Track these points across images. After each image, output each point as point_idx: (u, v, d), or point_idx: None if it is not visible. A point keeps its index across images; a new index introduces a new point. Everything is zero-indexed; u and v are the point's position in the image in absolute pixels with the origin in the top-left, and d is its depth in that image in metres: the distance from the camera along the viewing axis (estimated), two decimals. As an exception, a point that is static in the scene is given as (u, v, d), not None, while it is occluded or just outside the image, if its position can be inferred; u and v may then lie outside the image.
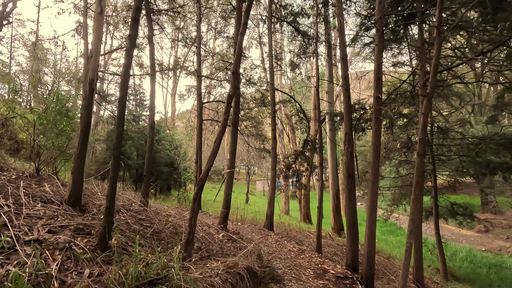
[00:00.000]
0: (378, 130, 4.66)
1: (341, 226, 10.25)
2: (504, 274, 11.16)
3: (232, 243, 4.34)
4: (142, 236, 3.11)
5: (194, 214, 2.84)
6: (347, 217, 5.25)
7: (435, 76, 3.35)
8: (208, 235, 4.24)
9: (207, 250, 3.65)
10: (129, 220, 3.41)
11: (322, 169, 5.97)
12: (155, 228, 3.57)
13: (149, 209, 4.17)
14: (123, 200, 4.21)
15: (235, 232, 4.93)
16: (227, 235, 4.56)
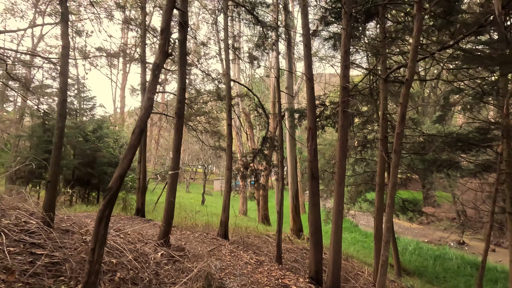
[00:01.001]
0: (345, 124, 4.14)
1: (300, 227, 9.84)
2: (447, 264, 11.86)
3: (174, 265, 3.43)
4: (23, 273, 2.08)
5: (99, 243, 1.91)
6: (310, 222, 4.67)
7: (415, 60, 2.89)
8: (140, 257, 3.28)
9: (134, 281, 2.71)
10: (11, 248, 2.32)
11: (282, 168, 5.35)
12: (57, 256, 2.52)
13: (56, 226, 3.07)
14: (17, 215, 3.05)
15: (179, 248, 4.02)
16: (168, 254, 3.64)
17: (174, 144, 3.93)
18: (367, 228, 19.31)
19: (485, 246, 5.77)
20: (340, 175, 4.16)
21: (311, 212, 4.60)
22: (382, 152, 6.30)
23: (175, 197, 4.03)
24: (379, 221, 6.45)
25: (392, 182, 2.97)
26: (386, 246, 2.91)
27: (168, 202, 3.89)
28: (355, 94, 9.12)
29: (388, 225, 2.96)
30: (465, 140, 9.47)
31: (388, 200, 2.95)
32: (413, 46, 2.89)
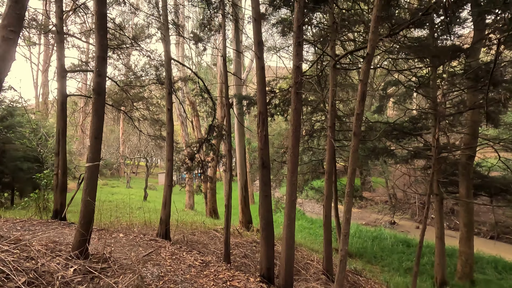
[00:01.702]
0: (298, 107, 3.77)
1: (249, 219, 9.52)
2: (383, 244, 12.87)
3: (91, 283, 2.67)
4: None
5: None
6: (261, 215, 4.26)
7: (376, 31, 2.61)
8: (41, 278, 2.45)
9: (20, 318, 1.92)
10: None
11: (230, 158, 4.83)
12: None
13: None
14: None
15: (102, 258, 3.22)
16: (84, 268, 2.84)
17: (93, 129, 3.08)
18: (312, 214, 20.11)
19: (422, 226, 6.10)
20: (293, 163, 3.80)
21: (262, 204, 4.19)
22: (331, 139, 6.20)
23: (95, 195, 3.19)
24: (328, 208, 6.41)
25: (352, 168, 2.69)
26: (346, 239, 2.64)
27: (85, 202, 3.04)
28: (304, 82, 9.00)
29: (348, 216, 2.68)
30: (400, 129, 10.11)
31: (347, 188, 2.67)
32: (374, 16, 2.61)
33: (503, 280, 9.25)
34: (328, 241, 6.30)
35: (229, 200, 4.72)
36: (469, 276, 9.13)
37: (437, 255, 9.22)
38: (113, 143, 32.83)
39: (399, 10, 7.67)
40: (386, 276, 8.87)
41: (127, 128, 27.75)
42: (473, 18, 7.62)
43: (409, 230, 17.65)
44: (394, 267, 10.48)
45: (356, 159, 2.75)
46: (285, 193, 7.32)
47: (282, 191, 18.22)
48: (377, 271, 9.71)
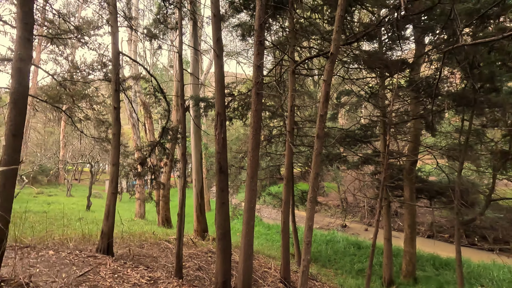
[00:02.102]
0: (259, 109, 3.58)
1: (205, 228, 9.05)
2: (336, 247, 13.31)
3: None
4: None
5: None
6: (217, 224, 3.94)
7: (340, 31, 2.54)
8: None
9: None
10: None
11: (185, 163, 4.44)
12: None
13: None
14: None
15: (17, 285, 2.61)
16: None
17: (10, 125, 2.48)
18: (269, 220, 20.16)
19: (374, 230, 6.32)
20: (252, 167, 3.58)
21: (219, 213, 3.88)
22: (290, 144, 6.15)
23: (11, 206, 2.58)
24: (287, 214, 6.32)
25: (314, 173, 2.56)
26: (308, 248, 2.48)
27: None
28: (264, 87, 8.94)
29: (310, 223, 2.53)
30: (352, 136, 10.60)
31: (310, 194, 2.52)
32: (338, 16, 2.55)
33: (440, 276, 10.11)
34: (286, 248, 6.18)
35: (183, 208, 4.32)
36: (412, 274, 9.80)
37: (385, 256, 9.74)
38: (52, 147, 29.40)
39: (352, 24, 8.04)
40: (340, 279, 9.09)
41: (69, 130, 25.12)
42: (416, 35, 8.34)
43: (359, 233, 18.62)
44: (346, 270, 10.83)
45: (319, 163, 2.64)
46: (243, 199, 7.09)
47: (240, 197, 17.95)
48: (331, 275, 9.92)
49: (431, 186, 10.23)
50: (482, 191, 9.04)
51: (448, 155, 9.64)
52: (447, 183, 10.03)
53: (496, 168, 6.15)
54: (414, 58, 8.82)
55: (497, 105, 5.42)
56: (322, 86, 2.59)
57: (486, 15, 4.22)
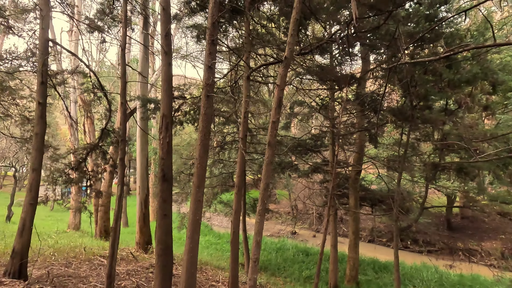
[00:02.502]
0: (209, 112, 3.32)
1: (148, 240, 8.32)
2: (286, 255, 13.42)
3: None
4: None
5: None
6: (158, 239, 3.52)
7: (295, 34, 2.43)
8: None
9: None
10: None
11: (123, 169, 3.92)
12: None
13: None
14: None
15: None
16: None
17: None
18: (220, 228, 19.66)
19: (322, 238, 6.41)
20: (199, 176, 3.28)
21: (160, 226, 3.47)
22: (243, 151, 5.97)
23: None
24: (236, 225, 6.06)
25: (265, 183, 2.38)
26: (255, 266, 2.27)
27: None
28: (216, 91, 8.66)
29: (258, 238, 2.33)
30: (303, 145, 10.87)
31: (259, 206, 2.33)
32: (293, 19, 2.46)
33: (379, 279, 10.77)
34: (235, 260, 5.91)
35: (118, 221, 3.79)
36: (355, 279, 10.25)
37: (331, 262, 10.05)
38: None
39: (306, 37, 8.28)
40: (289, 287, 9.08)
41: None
42: (363, 52, 8.92)
43: (307, 239, 19.15)
44: (295, 277, 10.92)
45: (270, 172, 2.48)
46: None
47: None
48: (280, 284, 9.87)
49: (373, 194, 10.93)
50: (416, 199, 9.92)
51: (388, 165, 10.44)
52: (387, 192, 10.80)
53: (428, 179, 6.75)
54: (361, 73, 9.43)
55: (430, 121, 5.96)
56: (275, 91, 2.45)
57: (425, 38, 4.60)
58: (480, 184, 6.76)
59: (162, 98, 3.66)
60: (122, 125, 4.10)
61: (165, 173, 3.53)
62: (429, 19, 4.47)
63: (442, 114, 5.56)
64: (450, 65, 5.40)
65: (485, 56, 5.39)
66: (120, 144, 3.93)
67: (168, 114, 3.64)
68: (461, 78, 5.14)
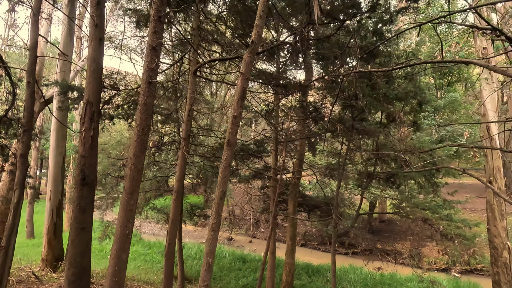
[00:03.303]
0: (149, 102, 2.72)
1: (59, 255, 6.88)
2: (223, 263, 12.90)
3: None
4: None
5: None
6: (70, 260, 2.72)
7: (263, 17, 2.06)
8: None
9: None
10: None
11: (25, 167, 2.97)
12: None
13: None
14: None
15: None
16: None
17: None
18: (151, 236, 18.05)
19: (266, 247, 6.17)
20: (133, 180, 2.65)
21: (74, 243, 2.68)
22: (185, 152, 5.36)
23: None
24: (173, 235, 5.38)
25: (220, 191, 1.93)
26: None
27: None
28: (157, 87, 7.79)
29: (210, 260, 1.85)
30: (246, 150, 10.66)
31: (212, 220, 1.86)
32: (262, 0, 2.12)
33: (312, 283, 11.10)
34: (169, 275, 5.21)
35: (11, 237, 2.82)
36: (290, 284, 10.34)
37: (269, 269, 9.91)
38: None
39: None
40: (224, 299, 8.59)
41: None
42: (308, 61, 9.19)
43: (244, 245, 18.96)
44: (232, 287, 10.49)
45: (227, 177, 2.04)
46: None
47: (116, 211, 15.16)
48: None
49: (311, 200, 11.30)
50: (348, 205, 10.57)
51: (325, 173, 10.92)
52: (323, 198, 11.28)
53: (363, 186, 7.18)
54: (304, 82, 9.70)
55: (368, 133, 6.33)
56: (239, 80, 2.06)
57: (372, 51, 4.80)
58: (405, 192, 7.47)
59: (87, 81, 2.91)
60: (27, 111, 3.12)
61: (85, 175, 2.76)
62: (377, 34, 4.68)
63: (378, 126, 5.96)
64: (388, 81, 5.79)
65: (416, 76, 5.94)
66: (23, 135, 2.98)
67: (95, 102, 2.89)
68: (398, 94, 5.53)
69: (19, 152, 2.96)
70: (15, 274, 6.14)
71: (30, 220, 14.23)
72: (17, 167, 2.92)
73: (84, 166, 2.78)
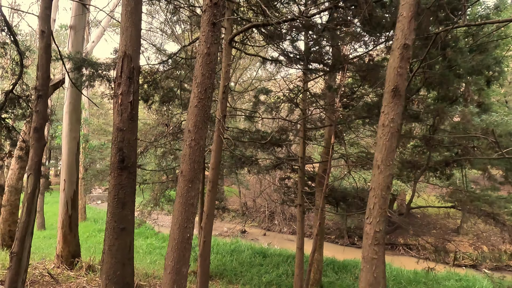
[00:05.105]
0: (213, 52, 1.87)
1: (76, 251, 6.20)
2: (242, 257, 12.23)
3: None
4: None
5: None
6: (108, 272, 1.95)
7: None
8: None
9: None
10: None
11: (42, 145, 2.19)
12: None
13: None
14: None
15: None
16: None
17: None
18: (162, 229, 17.46)
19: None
20: (194, 162, 1.86)
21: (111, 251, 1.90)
22: (221, 135, 4.57)
23: None
24: (209, 231, 4.63)
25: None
26: None
27: None
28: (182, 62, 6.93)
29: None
30: (266, 137, 9.85)
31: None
32: None
33: (340, 280, 10.38)
34: (205, 279, 4.48)
35: (25, 238, 2.05)
36: (319, 282, 9.64)
37: (296, 266, 9.16)
38: None
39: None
40: (251, 298, 7.92)
41: None
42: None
43: (258, 238, 18.36)
44: (255, 284, 9.82)
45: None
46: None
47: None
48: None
49: (338, 192, 10.50)
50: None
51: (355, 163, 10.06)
52: (352, 190, 10.46)
53: (417, 176, 6.33)
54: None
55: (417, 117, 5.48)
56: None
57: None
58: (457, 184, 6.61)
59: (123, 27, 2.10)
60: (41, 70, 2.31)
61: (124, 155, 1.98)
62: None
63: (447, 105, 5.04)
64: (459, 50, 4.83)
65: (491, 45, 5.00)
66: (38, 102, 2.18)
67: (134, 55, 2.08)
68: (475, 66, 4.61)
69: (33, 125, 2.18)
70: (29, 272, 5.44)
71: (40, 211, 13.69)
72: (31, 145, 2.16)
73: (122, 143, 1.99)
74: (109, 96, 6.03)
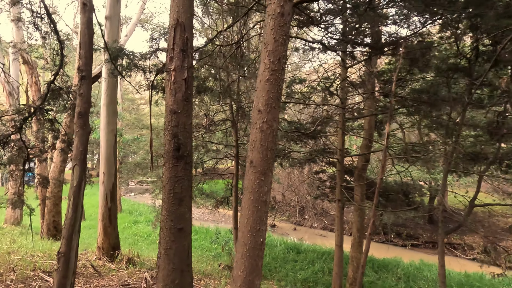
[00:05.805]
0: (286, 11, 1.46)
1: (116, 243, 6.20)
2: (275, 252, 11.91)
3: None
4: None
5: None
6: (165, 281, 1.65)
7: None
8: None
9: None
10: None
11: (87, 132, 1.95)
12: None
13: None
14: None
15: None
16: None
17: None
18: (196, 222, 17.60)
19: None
20: (266, 150, 1.49)
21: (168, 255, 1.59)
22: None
23: None
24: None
25: None
26: None
27: None
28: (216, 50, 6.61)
29: None
30: (300, 129, 9.34)
31: None
32: None
33: (381, 280, 9.75)
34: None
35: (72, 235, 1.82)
36: (359, 282, 9.08)
37: (335, 264, 8.69)
38: None
39: None
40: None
41: None
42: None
43: (288, 232, 17.97)
44: (290, 280, 9.49)
45: None
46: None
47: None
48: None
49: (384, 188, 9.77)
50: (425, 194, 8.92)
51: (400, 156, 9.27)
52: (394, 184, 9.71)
53: (484, 170, 5.56)
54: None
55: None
56: None
57: None
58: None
59: None
60: (84, 49, 2.05)
61: (180, 143, 1.66)
62: None
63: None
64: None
65: None
66: (81, 84, 1.93)
67: (188, 25, 1.74)
68: None
69: (77, 110, 1.96)
70: (72, 263, 5.43)
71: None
72: (75, 132, 1.95)
73: (177, 128, 1.67)
74: (144, 87, 5.87)
